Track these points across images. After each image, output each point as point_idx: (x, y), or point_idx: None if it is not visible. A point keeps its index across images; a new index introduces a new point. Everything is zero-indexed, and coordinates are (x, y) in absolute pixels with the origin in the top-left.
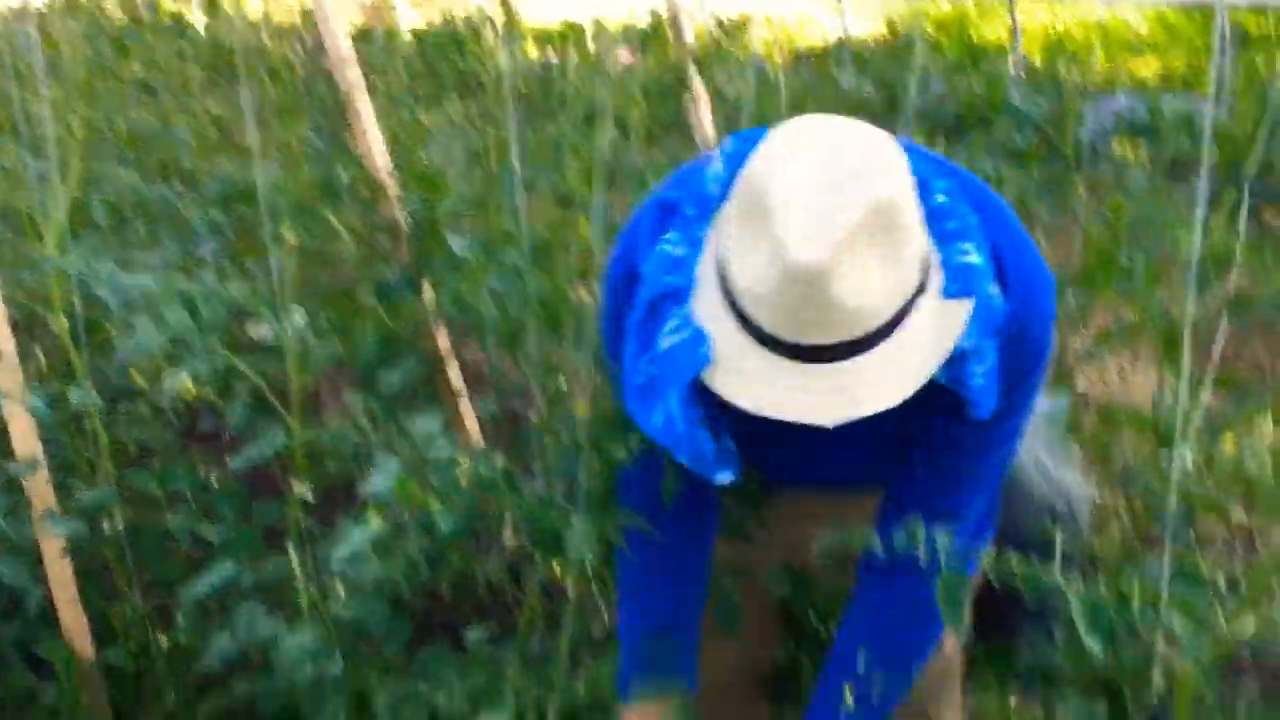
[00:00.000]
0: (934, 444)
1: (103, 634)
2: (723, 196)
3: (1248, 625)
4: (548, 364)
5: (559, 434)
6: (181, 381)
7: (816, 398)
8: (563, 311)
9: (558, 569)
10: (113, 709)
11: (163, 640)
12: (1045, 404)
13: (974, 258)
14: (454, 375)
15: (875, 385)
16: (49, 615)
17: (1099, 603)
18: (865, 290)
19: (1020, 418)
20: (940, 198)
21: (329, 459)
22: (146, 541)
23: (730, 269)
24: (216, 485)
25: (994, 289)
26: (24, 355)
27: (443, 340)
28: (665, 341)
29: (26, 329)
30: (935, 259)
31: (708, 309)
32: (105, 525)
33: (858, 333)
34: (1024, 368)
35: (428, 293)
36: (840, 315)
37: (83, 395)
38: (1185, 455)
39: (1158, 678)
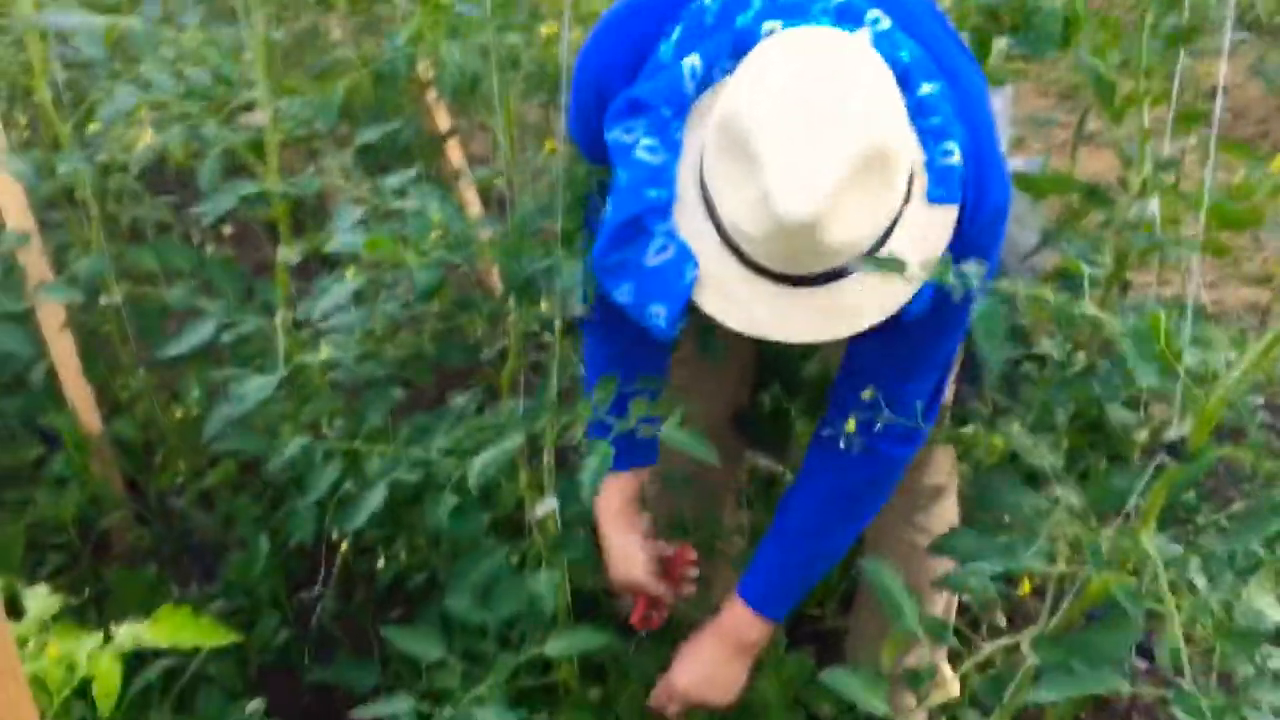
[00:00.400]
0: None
1: (110, 407)
2: (698, 94)
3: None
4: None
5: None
6: (154, 141)
7: (804, 318)
8: (522, 59)
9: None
10: (124, 479)
11: (173, 411)
12: (1023, 164)
13: (955, 158)
14: (454, 155)
15: (861, 304)
16: (55, 390)
17: (1143, 331)
18: (855, 226)
19: (964, 311)
20: (925, 88)
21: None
22: (146, 317)
23: (716, 202)
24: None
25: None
26: (9, 125)
27: (442, 119)
28: (652, 259)
29: (9, 100)
30: (920, 161)
31: (693, 227)
32: (103, 299)
33: (844, 261)
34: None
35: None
36: (829, 252)
37: (71, 163)
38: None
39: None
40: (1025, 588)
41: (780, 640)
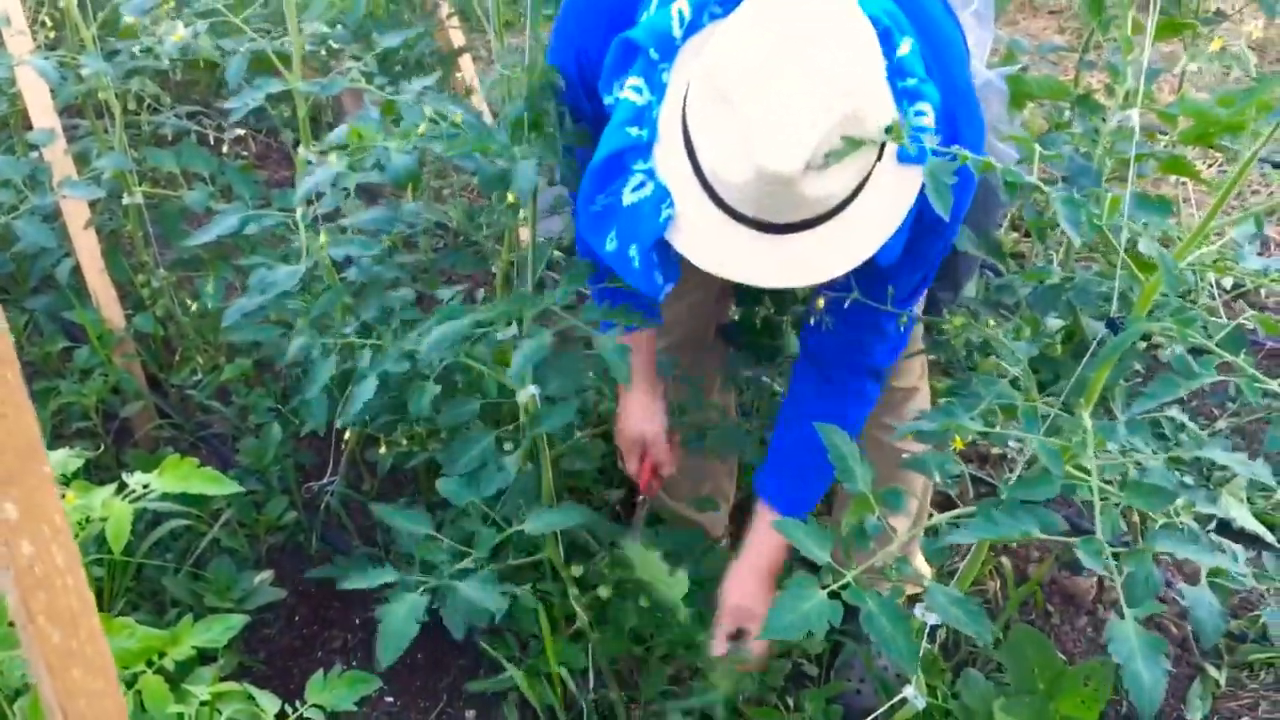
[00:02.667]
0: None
1: (133, 305)
2: (686, 38)
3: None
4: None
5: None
6: (177, 33)
7: (772, 265)
8: None
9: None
10: (144, 373)
11: (190, 305)
12: (996, 75)
13: (928, 119)
14: (467, 70)
15: (828, 255)
16: (80, 287)
17: (1078, 202)
18: (832, 180)
19: (935, 250)
20: (903, 49)
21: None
22: (166, 219)
23: (697, 146)
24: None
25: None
26: (34, 27)
27: (456, 37)
28: (629, 196)
29: (36, 3)
30: (895, 121)
31: (672, 168)
32: (124, 198)
33: (820, 212)
34: (937, 234)
35: None
36: (803, 204)
37: (95, 63)
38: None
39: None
40: (957, 443)
41: None
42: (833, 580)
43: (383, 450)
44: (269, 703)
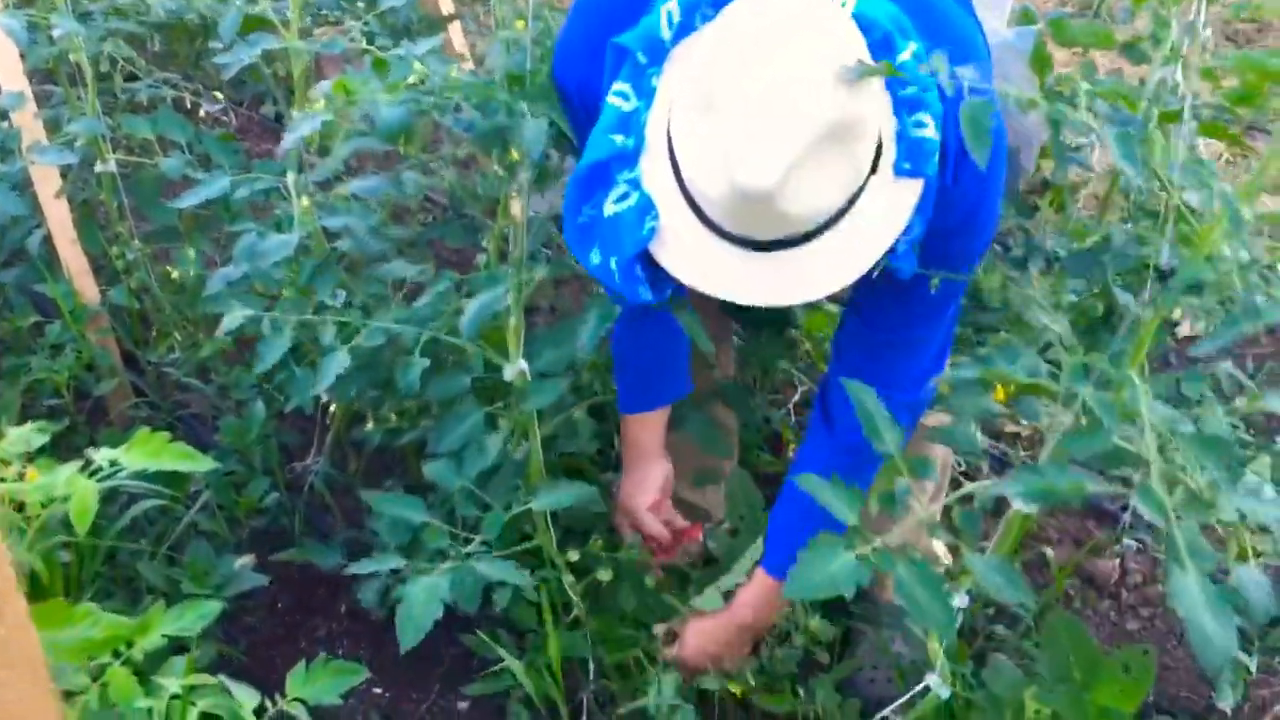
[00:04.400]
0: (876, 300)
1: (107, 278)
2: (677, 40)
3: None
4: None
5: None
6: None
7: (763, 282)
8: None
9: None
10: (120, 349)
11: (170, 275)
12: (1014, 35)
13: (929, 131)
14: (456, 40)
15: (821, 270)
16: (51, 260)
17: (1133, 136)
18: (814, 197)
19: (966, 263)
20: (904, 56)
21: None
22: (142, 187)
23: (679, 157)
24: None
25: (935, 161)
26: None
27: (445, 4)
28: (611, 207)
29: None
30: (890, 130)
31: (657, 179)
32: (97, 165)
33: (806, 229)
34: (968, 234)
35: None
36: (789, 221)
37: (68, 24)
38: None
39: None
40: (999, 393)
41: (757, 503)
42: (861, 544)
43: (370, 427)
44: (247, 696)
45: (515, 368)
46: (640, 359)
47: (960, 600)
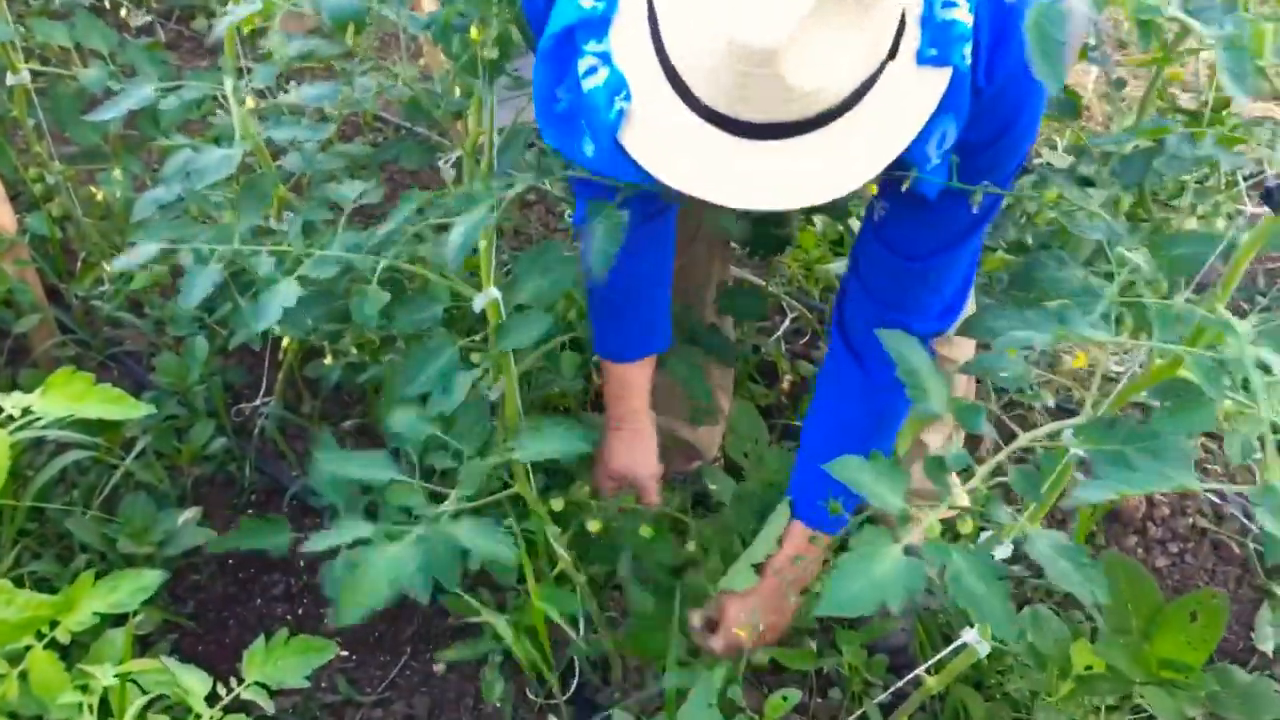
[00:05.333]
0: (899, 219)
1: (25, 205)
2: None
3: None
4: None
5: None
6: None
7: (752, 180)
8: None
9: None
10: (43, 283)
11: (95, 197)
12: None
13: (959, 13)
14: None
15: (822, 170)
16: None
17: (1240, 42)
18: (824, 69)
19: (989, 210)
20: None
21: None
22: (61, 103)
23: (662, 13)
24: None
25: (968, 54)
26: None
27: None
28: (586, 82)
29: None
30: (915, 12)
31: (631, 50)
32: (9, 78)
33: (806, 113)
34: (1003, 147)
35: None
36: (791, 96)
37: None
38: None
39: None
40: (1080, 359)
41: (763, 436)
42: (909, 533)
43: (328, 361)
44: (196, 681)
45: (486, 297)
46: (618, 301)
47: (1002, 551)
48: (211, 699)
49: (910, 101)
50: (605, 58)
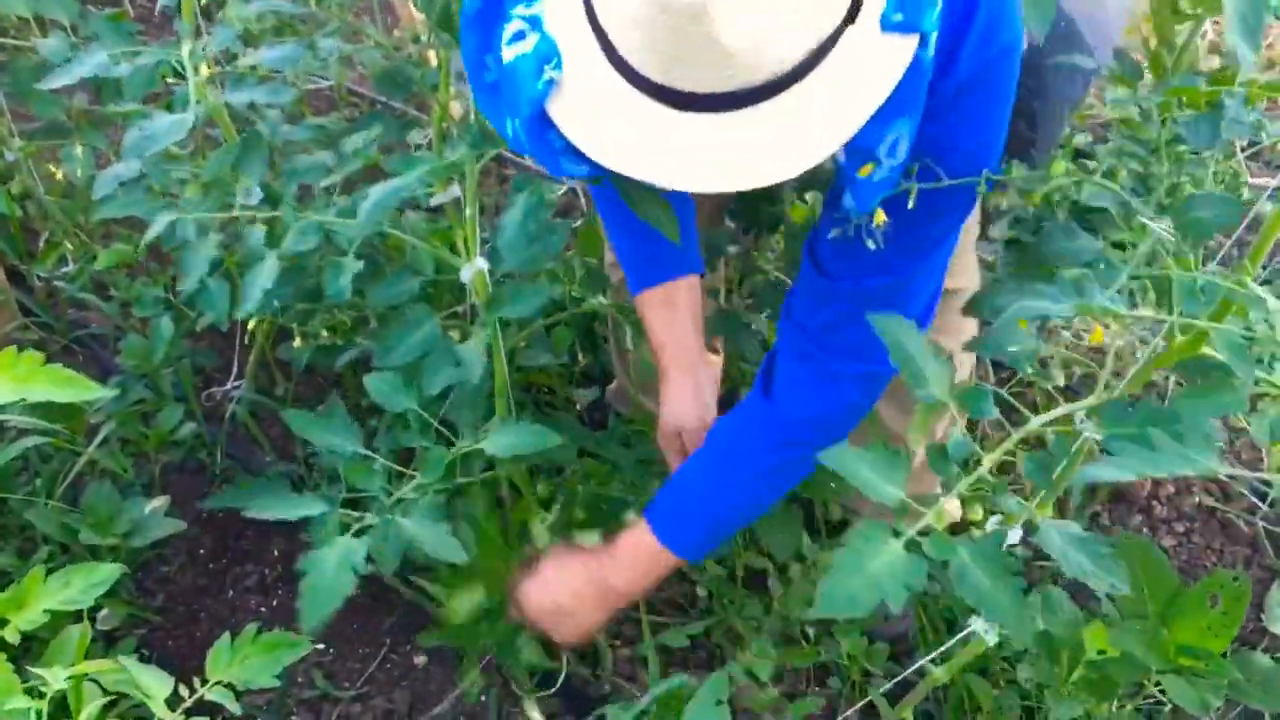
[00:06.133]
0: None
1: None
2: None
3: None
4: None
5: None
6: None
7: (685, 158)
8: None
9: None
10: (2, 262)
11: (55, 175)
12: None
13: None
14: None
15: (764, 150)
16: None
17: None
18: (764, 30)
19: (958, 217)
20: None
21: None
22: (20, 76)
23: None
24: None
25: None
26: None
27: None
28: (508, 51)
29: None
30: None
31: (564, 14)
32: None
33: (750, 82)
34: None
35: None
36: (730, 62)
37: None
38: None
39: None
40: (1097, 335)
41: None
42: (908, 526)
43: (297, 343)
44: (157, 682)
45: (473, 268)
46: (625, 216)
47: (1013, 536)
48: (178, 700)
49: (871, 72)
50: (535, 22)
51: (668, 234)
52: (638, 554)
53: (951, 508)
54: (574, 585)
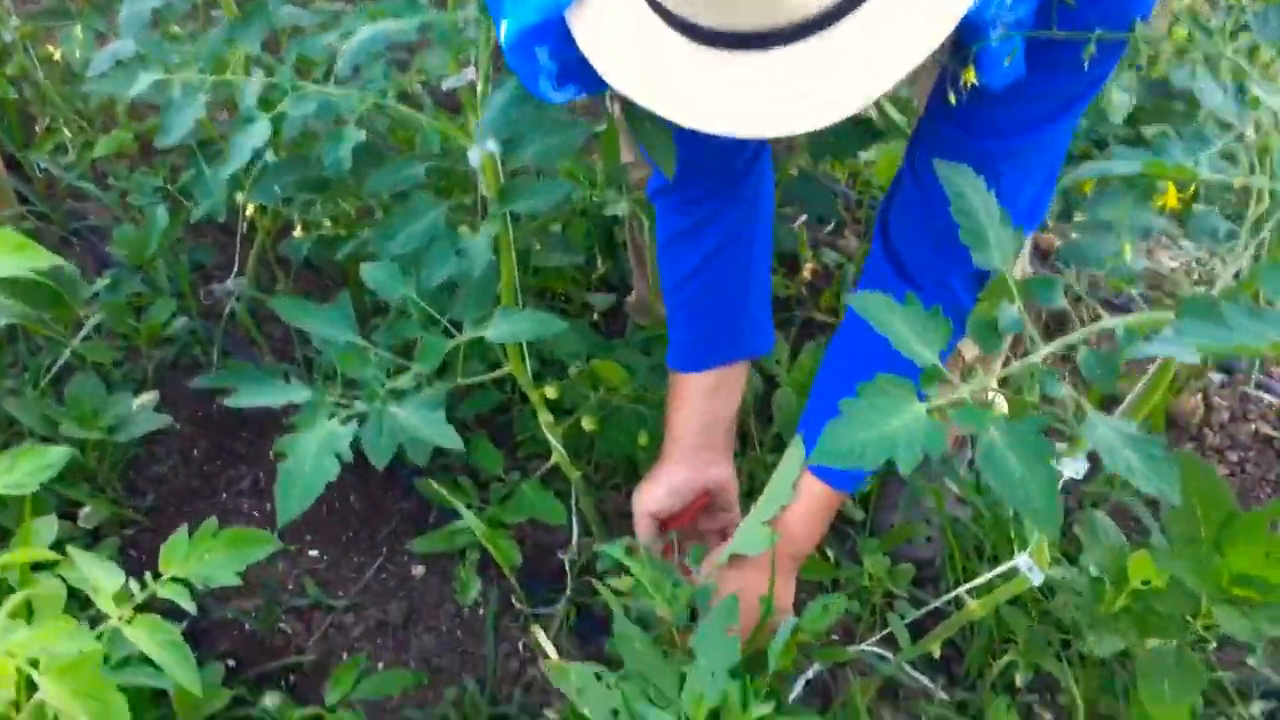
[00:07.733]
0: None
1: None
2: None
3: None
4: None
5: None
6: None
7: (728, 94)
8: None
9: None
10: (0, 151)
11: (54, 58)
12: None
13: None
14: None
15: (829, 83)
16: None
17: None
18: None
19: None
20: None
21: None
22: None
23: None
24: None
25: None
26: None
27: None
28: None
29: None
30: None
31: None
32: None
33: (792, 17)
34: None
35: None
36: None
37: None
38: None
39: None
40: (1170, 198)
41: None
42: (937, 394)
43: (298, 233)
44: (105, 575)
45: (483, 148)
46: (689, 294)
47: (1074, 468)
48: (121, 599)
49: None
50: None
51: (662, 166)
52: (813, 508)
53: (999, 403)
54: (763, 587)
